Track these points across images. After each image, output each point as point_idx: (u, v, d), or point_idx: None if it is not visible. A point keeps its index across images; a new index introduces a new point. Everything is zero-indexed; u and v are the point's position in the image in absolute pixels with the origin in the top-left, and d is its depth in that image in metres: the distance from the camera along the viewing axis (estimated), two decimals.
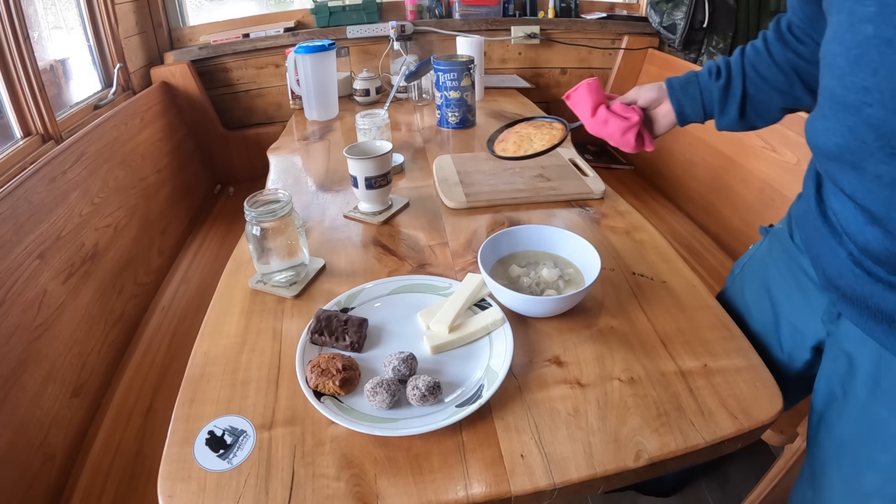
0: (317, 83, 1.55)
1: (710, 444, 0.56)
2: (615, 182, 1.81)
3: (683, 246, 1.47)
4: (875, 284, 0.53)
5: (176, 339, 1.21)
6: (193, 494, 0.52)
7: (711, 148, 1.54)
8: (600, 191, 1.05)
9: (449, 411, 0.58)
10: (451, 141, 1.42)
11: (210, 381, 0.65)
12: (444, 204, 1.05)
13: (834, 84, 0.52)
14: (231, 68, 1.98)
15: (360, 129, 1.25)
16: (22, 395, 0.87)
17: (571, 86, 2.19)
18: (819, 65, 0.59)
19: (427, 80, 1.70)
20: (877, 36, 0.46)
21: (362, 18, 1.95)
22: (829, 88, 0.54)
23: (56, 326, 0.99)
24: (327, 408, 0.59)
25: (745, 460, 1.32)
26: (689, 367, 0.65)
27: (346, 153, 0.96)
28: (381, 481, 0.53)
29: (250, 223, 0.76)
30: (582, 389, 0.62)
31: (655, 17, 1.92)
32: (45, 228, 1.05)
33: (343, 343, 0.67)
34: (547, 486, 0.52)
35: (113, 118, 1.46)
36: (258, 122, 2.09)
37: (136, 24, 1.82)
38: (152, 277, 1.39)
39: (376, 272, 0.84)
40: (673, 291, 0.78)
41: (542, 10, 2.05)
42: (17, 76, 1.23)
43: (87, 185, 1.24)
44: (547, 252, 0.82)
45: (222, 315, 0.77)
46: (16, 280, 0.93)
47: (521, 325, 0.72)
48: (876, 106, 0.47)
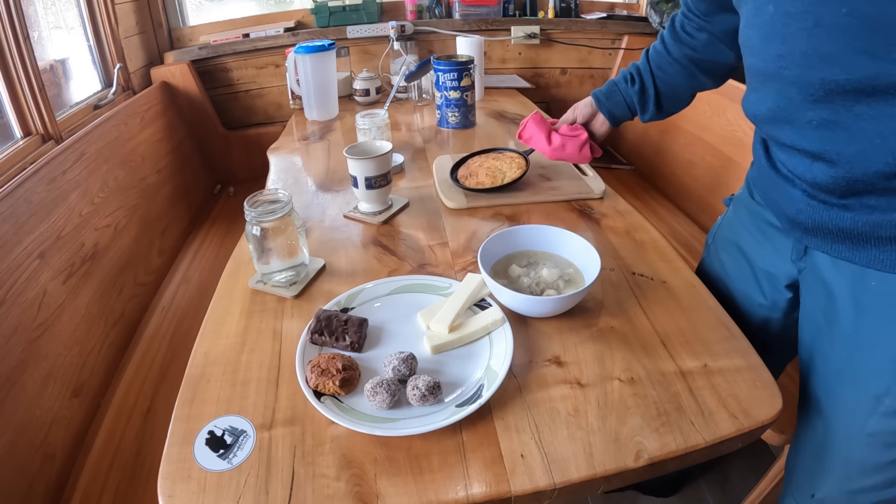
0: (317, 83, 1.55)
1: (710, 444, 0.56)
2: (615, 182, 1.81)
3: (683, 246, 1.47)
4: (831, 209, 0.61)
5: (176, 339, 1.21)
6: (193, 494, 0.52)
7: (711, 148, 1.54)
8: (600, 191, 1.05)
9: (449, 411, 0.58)
10: (451, 141, 1.42)
11: (210, 381, 0.65)
12: (444, 204, 1.05)
13: (755, 60, 0.63)
14: (231, 68, 1.98)
15: (360, 129, 1.25)
16: (22, 395, 0.87)
17: (572, 86, 2.22)
18: (712, 53, 0.85)
19: (427, 80, 1.70)
20: (777, 12, 0.56)
21: (362, 18, 1.95)
22: (752, 66, 0.64)
23: (56, 326, 1.00)
24: (327, 408, 0.59)
25: (745, 460, 1.32)
26: (689, 367, 0.65)
27: (346, 153, 0.96)
28: (381, 481, 0.53)
29: (250, 223, 0.76)
30: (582, 389, 0.62)
31: (655, 17, 1.92)
32: (45, 228, 1.05)
33: (343, 343, 0.67)
34: (547, 486, 0.52)
35: (113, 118, 1.47)
36: (258, 122, 2.09)
37: (136, 24, 1.82)
38: (152, 277, 1.39)
39: (376, 272, 0.84)
40: (673, 291, 0.78)
41: (542, 10, 2.05)
42: (17, 76, 1.23)
43: (87, 185, 1.24)
44: (547, 252, 0.82)
45: (222, 315, 0.77)
46: (16, 280, 0.93)
47: (521, 325, 0.72)
48: (792, 67, 0.56)
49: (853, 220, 0.59)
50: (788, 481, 0.81)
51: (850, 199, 0.59)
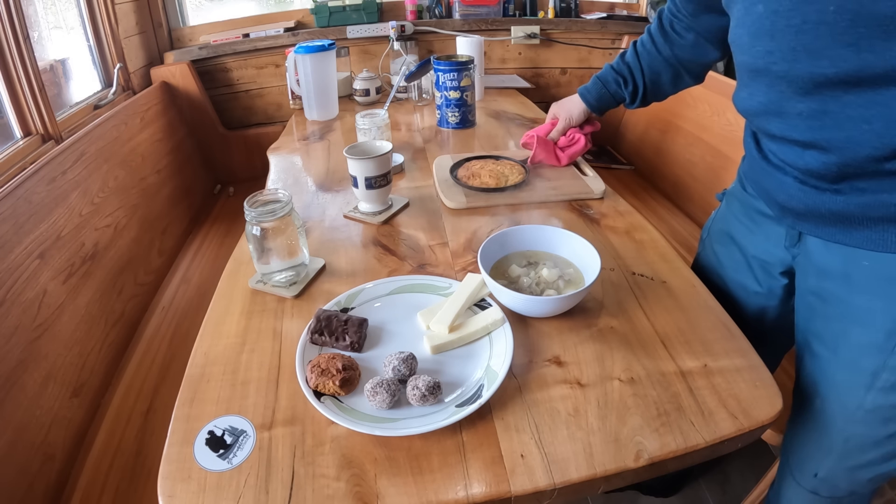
0: (317, 83, 1.55)
1: (710, 444, 0.56)
2: (615, 182, 1.81)
3: (683, 246, 1.47)
4: (822, 194, 0.64)
5: (176, 339, 1.21)
6: (193, 494, 0.52)
7: (711, 148, 1.54)
8: (600, 191, 1.05)
9: (449, 411, 0.58)
10: (451, 141, 1.42)
11: (210, 381, 0.65)
12: (444, 204, 1.05)
13: (745, 58, 0.66)
14: (231, 68, 1.98)
15: (360, 129, 1.25)
16: (22, 395, 0.87)
17: (572, 86, 2.22)
18: (699, 54, 0.91)
19: (427, 80, 1.70)
20: (766, 11, 0.59)
21: (362, 18, 1.95)
22: (742, 63, 0.67)
23: (56, 326, 0.99)
24: (327, 408, 0.59)
25: (745, 460, 1.32)
26: (689, 367, 0.65)
27: (346, 153, 0.96)
28: (381, 481, 0.53)
29: (250, 223, 0.76)
30: (582, 389, 0.62)
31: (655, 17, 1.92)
32: (45, 228, 1.05)
33: (343, 343, 0.67)
34: (547, 486, 0.52)
35: (113, 118, 1.46)
36: (258, 122, 2.09)
37: (136, 24, 1.82)
38: (152, 277, 1.39)
39: (376, 272, 0.84)
40: (673, 291, 0.78)
41: (542, 10, 2.05)
42: (17, 76, 1.23)
43: (87, 185, 1.24)
44: (547, 252, 0.82)
45: (222, 315, 0.77)
46: (16, 280, 0.93)
47: (521, 325, 0.72)
48: (780, 62, 0.59)
49: (845, 203, 0.62)
50: (785, 463, 0.82)
51: (841, 184, 0.61)
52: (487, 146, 1.35)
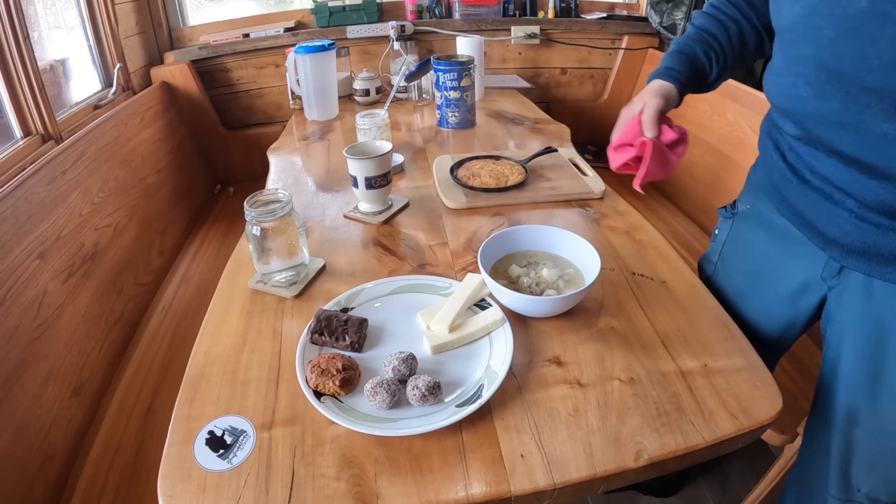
0: (317, 83, 1.55)
1: (710, 444, 0.56)
2: (615, 182, 1.81)
3: (683, 246, 1.47)
4: (886, 234, 0.56)
5: (176, 339, 1.21)
6: (193, 494, 0.52)
7: (711, 148, 1.54)
8: (600, 191, 1.05)
9: (449, 411, 0.58)
10: (451, 141, 1.42)
11: (210, 381, 0.65)
12: (444, 204, 1.05)
13: (823, 54, 0.55)
14: (231, 68, 1.98)
15: (360, 129, 1.25)
16: (22, 395, 0.87)
17: (572, 86, 2.21)
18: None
19: (427, 80, 1.70)
20: (873, 10, 0.49)
21: (362, 18, 1.95)
22: (815, 58, 0.56)
23: (56, 326, 0.99)
24: (327, 408, 0.59)
25: (745, 460, 1.32)
26: (689, 367, 0.65)
27: (346, 153, 0.96)
28: (381, 481, 0.53)
29: (250, 223, 0.76)
30: (582, 389, 0.62)
31: (655, 17, 1.92)
32: (45, 228, 1.05)
33: (343, 343, 0.67)
34: (547, 486, 0.52)
35: (113, 118, 1.46)
36: (258, 122, 2.09)
37: (136, 24, 1.82)
38: (152, 277, 1.39)
39: (376, 272, 0.84)
40: (673, 291, 0.78)
41: (542, 10, 2.05)
42: (17, 76, 1.23)
43: (87, 185, 1.24)
44: (547, 252, 0.82)
45: (222, 315, 0.77)
46: (16, 280, 0.93)
47: (521, 325, 0.72)
48: (877, 72, 0.50)
49: None
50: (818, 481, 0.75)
51: None
52: (487, 146, 1.35)
